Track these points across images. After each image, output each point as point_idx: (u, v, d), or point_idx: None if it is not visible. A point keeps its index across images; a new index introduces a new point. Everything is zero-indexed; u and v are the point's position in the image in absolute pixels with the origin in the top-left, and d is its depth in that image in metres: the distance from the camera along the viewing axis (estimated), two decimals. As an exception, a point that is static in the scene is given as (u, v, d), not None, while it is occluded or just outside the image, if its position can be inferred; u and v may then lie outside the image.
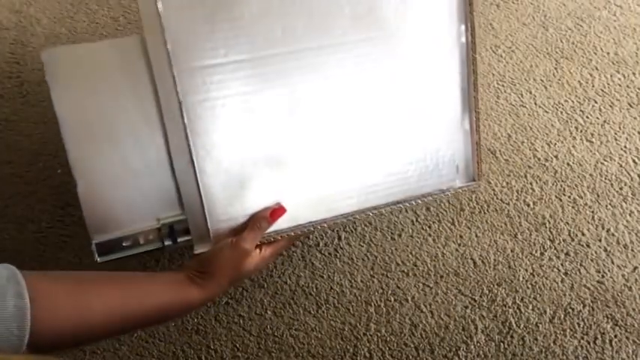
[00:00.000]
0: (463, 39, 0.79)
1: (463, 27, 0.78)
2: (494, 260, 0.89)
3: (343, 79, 0.76)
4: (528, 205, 0.94)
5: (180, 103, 0.70)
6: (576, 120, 1.03)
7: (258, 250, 0.74)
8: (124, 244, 0.73)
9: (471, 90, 0.80)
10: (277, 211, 0.75)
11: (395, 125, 0.79)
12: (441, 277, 0.87)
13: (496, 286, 0.86)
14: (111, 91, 0.70)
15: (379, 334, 0.83)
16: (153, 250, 0.74)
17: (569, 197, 0.95)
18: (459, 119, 0.81)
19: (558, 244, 0.90)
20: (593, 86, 1.07)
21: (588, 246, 0.90)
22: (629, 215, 0.93)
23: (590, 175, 0.97)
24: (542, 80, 1.08)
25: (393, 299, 0.86)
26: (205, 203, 0.73)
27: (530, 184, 0.96)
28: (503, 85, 1.07)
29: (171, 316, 0.73)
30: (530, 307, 0.84)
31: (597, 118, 1.03)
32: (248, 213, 0.76)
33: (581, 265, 0.88)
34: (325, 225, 0.78)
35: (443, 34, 0.78)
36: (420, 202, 0.82)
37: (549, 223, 0.92)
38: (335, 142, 0.78)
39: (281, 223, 0.76)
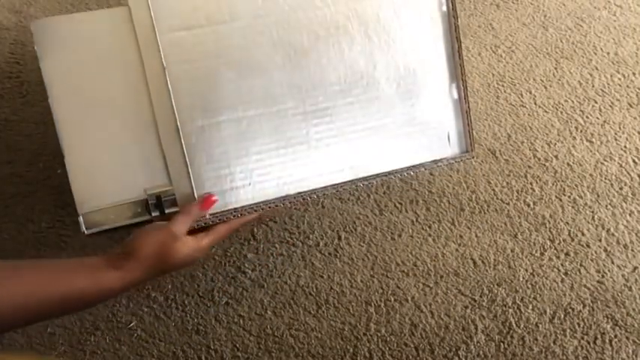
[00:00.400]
0: (444, 8, 0.80)
1: None
2: (494, 260, 0.89)
3: (330, 49, 0.78)
4: (528, 205, 0.94)
5: (165, 69, 0.72)
6: (576, 120, 1.03)
7: (193, 238, 0.71)
8: (111, 216, 0.73)
9: (456, 58, 0.81)
10: (208, 199, 0.74)
11: (383, 96, 0.80)
12: (441, 277, 0.87)
13: (496, 286, 0.86)
14: (99, 61, 0.72)
15: (379, 334, 0.83)
16: (141, 223, 0.74)
17: (569, 197, 0.95)
18: (447, 88, 0.82)
19: (558, 244, 0.90)
20: (593, 86, 1.07)
21: (588, 246, 0.90)
22: (629, 215, 0.93)
23: (590, 175, 0.97)
24: (542, 80, 1.08)
25: (393, 299, 0.86)
26: (192, 173, 0.74)
27: (530, 184, 0.96)
28: (503, 85, 1.07)
29: (89, 301, 0.67)
30: (530, 307, 0.84)
31: (597, 118, 1.03)
32: (236, 184, 0.76)
33: (581, 265, 0.88)
34: (315, 196, 0.79)
35: (423, 2, 0.79)
36: (412, 173, 0.82)
37: (549, 223, 0.92)
38: (323, 112, 0.78)
39: (271, 194, 0.77)
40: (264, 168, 0.77)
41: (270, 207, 0.77)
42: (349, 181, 0.80)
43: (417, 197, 0.95)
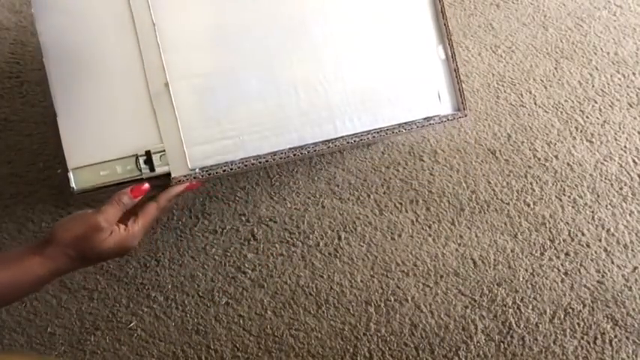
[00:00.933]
0: None
1: None
2: (494, 260, 0.89)
3: (317, 12, 0.79)
4: (528, 205, 0.94)
5: (154, 25, 0.74)
6: (576, 120, 1.03)
7: (123, 227, 0.70)
8: (101, 173, 0.73)
9: (440, 17, 0.83)
10: (139, 188, 0.72)
11: (371, 57, 0.82)
12: (441, 277, 0.87)
13: (496, 286, 0.86)
14: (92, 21, 0.74)
15: (379, 334, 0.83)
16: (132, 182, 0.74)
17: (569, 197, 0.95)
18: (435, 48, 0.84)
19: (558, 244, 0.90)
20: (593, 86, 1.07)
21: (588, 246, 0.90)
22: (629, 215, 0.93)
23: (590, 175, 0.97)
24: (542, 80, 1.08)
25: (393, 299, 0.86)
26: (182, 129, 0.75)
27: (530, 184, 0.96)
28: (503, 85, 1.07)
29: (18, 293, 0.66)
30: (530, 307, 0.84)
31: (597, 118, 1.03)
32: (226, 139, 0.77)
33: (581, 265, 0.88)
34: (306, 152, 0.79)
35: None
36: (403, 130, 0.83)
37: (549, 223, 0.92)
38: (312, 71, 0.79)
39: (262, 149, 0.77)
40: (256, 124, 0.78)
41: (209, 175, 0.77)
42: (340, 137, 0.80)
43: (417, 197, 0.95)
